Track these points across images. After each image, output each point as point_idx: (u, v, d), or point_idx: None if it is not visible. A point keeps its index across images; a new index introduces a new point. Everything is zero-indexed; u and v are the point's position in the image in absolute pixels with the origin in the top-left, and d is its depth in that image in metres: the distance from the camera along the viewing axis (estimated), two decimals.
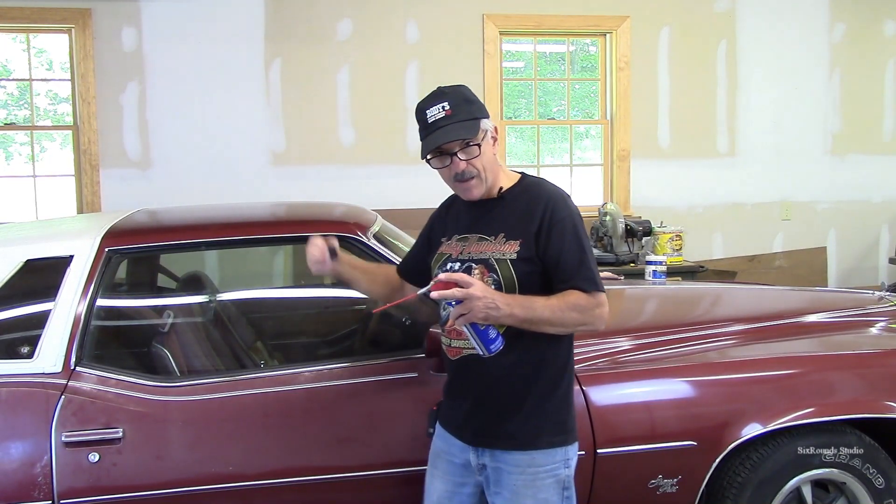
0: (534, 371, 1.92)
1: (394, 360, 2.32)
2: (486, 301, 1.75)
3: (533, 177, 2.04)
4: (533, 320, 1.83)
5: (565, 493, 1.94)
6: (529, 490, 1.90)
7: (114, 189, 5.33)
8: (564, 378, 1.98)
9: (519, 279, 1.88)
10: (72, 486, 2.10)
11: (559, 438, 1.93)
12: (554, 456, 1.92)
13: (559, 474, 1.92)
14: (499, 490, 1.93)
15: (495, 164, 1.97)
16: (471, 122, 1.91)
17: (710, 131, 6.11)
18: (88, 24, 5.23)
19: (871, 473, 2.42)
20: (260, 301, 3.40)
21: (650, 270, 4.76)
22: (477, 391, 1.95)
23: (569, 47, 6.30)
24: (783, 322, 2.78)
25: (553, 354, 1.94)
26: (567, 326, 1.88)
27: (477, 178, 1.93)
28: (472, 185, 1.94)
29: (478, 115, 1.93)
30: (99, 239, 2.37)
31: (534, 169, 6.18)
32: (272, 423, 2.24)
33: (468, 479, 1.99)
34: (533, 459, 1.90)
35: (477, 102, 1.96)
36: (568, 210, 1.92)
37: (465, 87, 1.97)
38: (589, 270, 1.89)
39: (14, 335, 2.39)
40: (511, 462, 1.91)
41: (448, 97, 1.91)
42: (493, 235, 1.94)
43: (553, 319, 1.84)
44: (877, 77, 6.33)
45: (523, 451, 1.91)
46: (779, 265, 6.25)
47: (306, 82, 5.55)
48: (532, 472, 1.90)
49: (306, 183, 5.52)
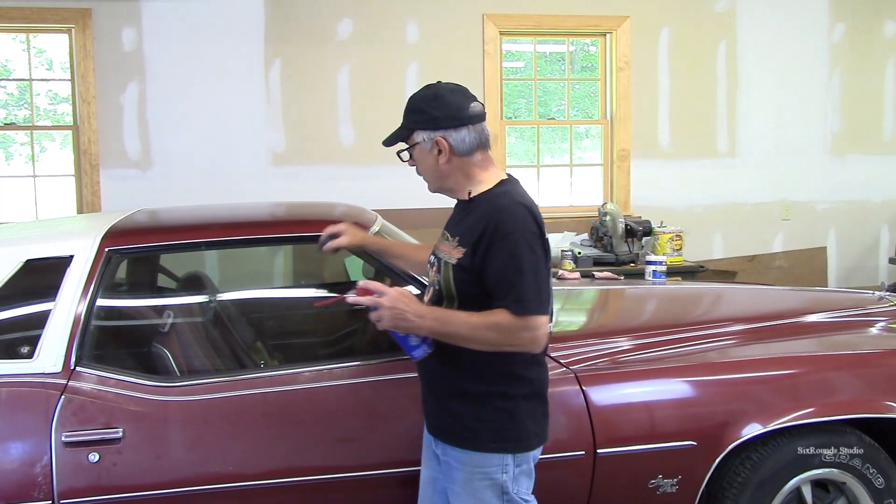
0: (465, 374, 1.94)
1: (394, 360, 2.32)
2: (394, 311, 1.84)
3: (506, 185, 1.99)
4: (448, 335, 1.87)
5: (505, 497, 1.94)
6: (468, 487, 1.95)
7: (114, 189, 5.33)
8: (508, 390, 1.94)
9: (456, 284, 1.93)
10: (72, 486, 2.10)
11: (497, 445, 1.94)
12: (490, 459, 1.94)
13: (495, 479, 1.94)
14: (450, 483, 2.01)
15: (440, 172, 2.01)
16: (401, 131, 2.04)
17: (710, 131, 6.11)
18: (88, 24, 5.23)
19: (871, 473, 2.42)
20: (260, 301, 3.40)
21: (650, 270, 4.76)
22: (426, 381, 2.07)
23: (569, 47, 6.30)
24: (783, 322, 2.79)
25: (486, 364, 1.92)
26: (488, 345, 1.86)
27: (424, 177, 2.06)
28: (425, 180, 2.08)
29: (413, 125, 2.00)
30: (99, 239, 2.37)
31: (534, 169, 6.19)
32: (272, 423, 2.24)
33: (439, 466, 2.06)
34: (471, 458, 1.95)
35: (424, 112, 1.99)
36: (516, 227, 1.86)
37: (425, 96, 2.00)
38: (520, 292, 1.82)
39: (14, 335, 2.39)
40: (453, 457, 1.98)
41: (408, 103, 2.03)
42: (454, 238, 1.99)
43: (469, 337, 1.86)
44: (877, 77, 6.33)
45: (462, 449, 1.96)
46: (779, 265, 6.25)
47: (306, 82, 5.55)
48: (469, 470, 1.95)
49: (306, 183, 5.52)
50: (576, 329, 2.88)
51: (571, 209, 6.07)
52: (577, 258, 5.40)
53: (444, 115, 1.96)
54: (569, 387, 2.31)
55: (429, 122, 1.98)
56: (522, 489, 1.98)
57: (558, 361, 2.39)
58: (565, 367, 2.38)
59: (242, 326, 2.95)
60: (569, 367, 2.38)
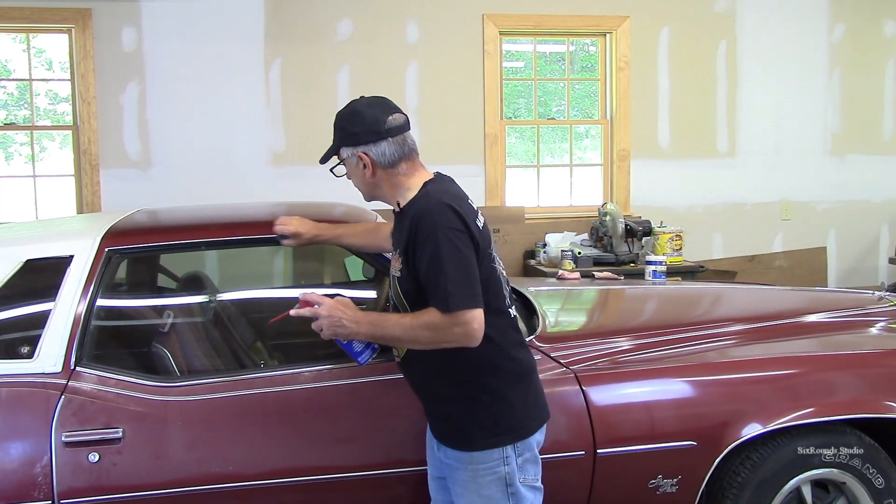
0: (444, 378, 1.96)
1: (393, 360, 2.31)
2: (331, 320, 1.91)
3: (428, 186, 1.99)
4: (384, 338, 1.95)
5: (510, 489, 1.96)
6: (473, 486, 1.97)
7: (114, 189, 5.33)
8: (489, 384, 1.95)
9: (404, 296, 1.96)
10: (72, 486, 2.10)
11: (493, 440, 1.95)
12: (491, 455, 1.95)
13: (499, 472, 1.95)
14: (451, 484, 2.03)
15: (368, 185, 2.05)
16: (331, 149, 2.09)
17: (709, 131, 6.11)
18: (88, 24, 5.23)
19: (871, 473, 2.42)
20: (260, 301, 3.40)
21: (650, 270, 4.76)
22: (415, 392, 2.10)
23: (569, 47, 6.30)
24: (783, 322, 2.78)
25: (462, 363, 1.93)
26: (424, 344, 1.89)
27: (359, 189, 2.10)
28: None
29: (339, 143, 2.05)
30: (99, 239, 2.37)
31: (534, 169, 6.19)
32: (272, 423, 2.24)
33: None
34: (472, 458, 1.96)
35: (344, 130, 2.03)
36: (433, 226, 1.85)
37: (345, 114, 2.04)
38: (443, 289, 1.81)
39: (14, 335, 2.39)
40: (454, 458, 1.99)
41: (334, 120, 2.06)
42: (395, 250, 2.02)
43: (404, 338, 1.91)
44: (877, 77, 6.33)
45: (461, 450, 1.97)
46: (779, 265, 6.25)
47: (306, 82, 5.55)
48: (472, 469, 1.96)
49: (306, 183, 5.50)
50: (576, 329, 2.88)
51: (571, 209, 6.07)
52: (577, 258, 5.40)
53: (363, 130, 1.99)
54: (569, 387, 2.31)
55: (350, 139, 2.02)
56: (530, 477, 1.99)
57: (558, 361, 2.40)
58: (565, 367, 2.38)
59: (242, 326, 2.94)
60: (569, 367, 2.38)
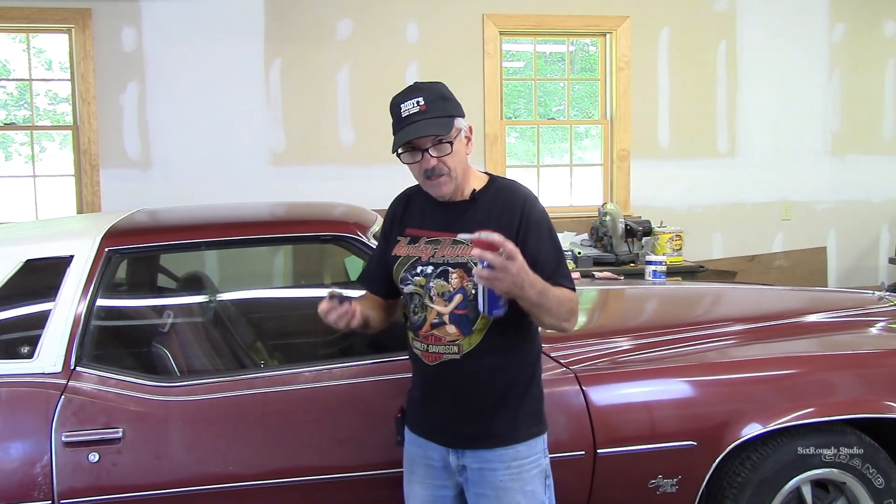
0: (512, 368, 1.95)
1: (394, 360, 2.32)
2: (516, 280, 1.70)
3: (503, 178, 2.04)
4: (541, 305, 1.80)
5: (547, 481, 1.98)
6: (516, 484, 1.91)
7: (114, 189, 5.33)
8: (538, 369, 2.01)
9: None
10: (72, 486, 2.10)
11: (537, 428, 1.97)
12: (535, 447, 1.95)
13: (542, 464, 1.96)
14: (482, 490, 1.92)
15: (467, 164, 1.95)
16: (445, 119, 1.87)
17: (709, 131, 6.11)
18: (88, 24, 5.23)
19: (871, 473, 2.42)
20: (260, 301, 3.40)
21: (650, 270, 4.76)
22: (457, 394, 1.93)
23: (569, 47, 6.30)
24: (783, 322, 2.79)
25: (528, 348, 1.98)
26: (558, 319, 1.87)
27: (447, 175, 1.89)
28: (441, 182, 1.90)
29: (453, 112, 1.90)
30: (99, 239, 2.37)
31: (534, 169, 6.19)
32: (272, 423, 2.24)
33: (449, 481, 1.99)
34: (517, 453, 1.92)
35: (453, 100, 1.93)
36: (542, 212, 1.95)
37: (442, 85, 1.94)
38: (567, 270, 1.94)
39: (14, 335, 2.39)
40: (496, 459, 1.91)
41: (423, 92, 1.89)
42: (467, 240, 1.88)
43: (553, 310, 1.84)
44: (877, 77, 6.33)
45: (507, 446, 1.92)
46: (779, 265, 6.25)
47: (306, 82, 5.55)
48: (517, 465, 1.92)
49: (306, 183, 5.52)
50: (576, 329, 2.87)
51: (571, 209, 6.07)
52: (577, 258, 5.40)
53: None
54: (569, 387, 2.32)
55: (460, 109, 1.94)
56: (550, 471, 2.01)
57: (558, 361, 2.40)
58: (565, 367, 2.38)
59: (242, 326, 2.95)
60: (569, 367, 2.38)
